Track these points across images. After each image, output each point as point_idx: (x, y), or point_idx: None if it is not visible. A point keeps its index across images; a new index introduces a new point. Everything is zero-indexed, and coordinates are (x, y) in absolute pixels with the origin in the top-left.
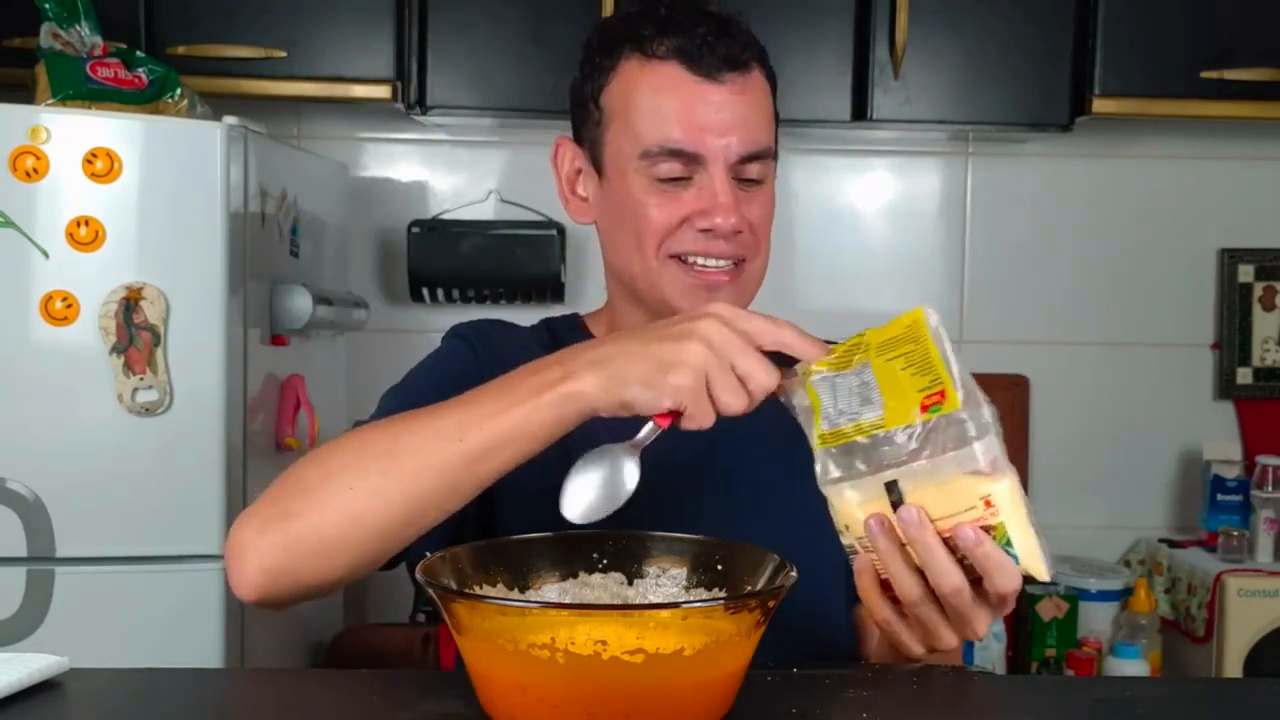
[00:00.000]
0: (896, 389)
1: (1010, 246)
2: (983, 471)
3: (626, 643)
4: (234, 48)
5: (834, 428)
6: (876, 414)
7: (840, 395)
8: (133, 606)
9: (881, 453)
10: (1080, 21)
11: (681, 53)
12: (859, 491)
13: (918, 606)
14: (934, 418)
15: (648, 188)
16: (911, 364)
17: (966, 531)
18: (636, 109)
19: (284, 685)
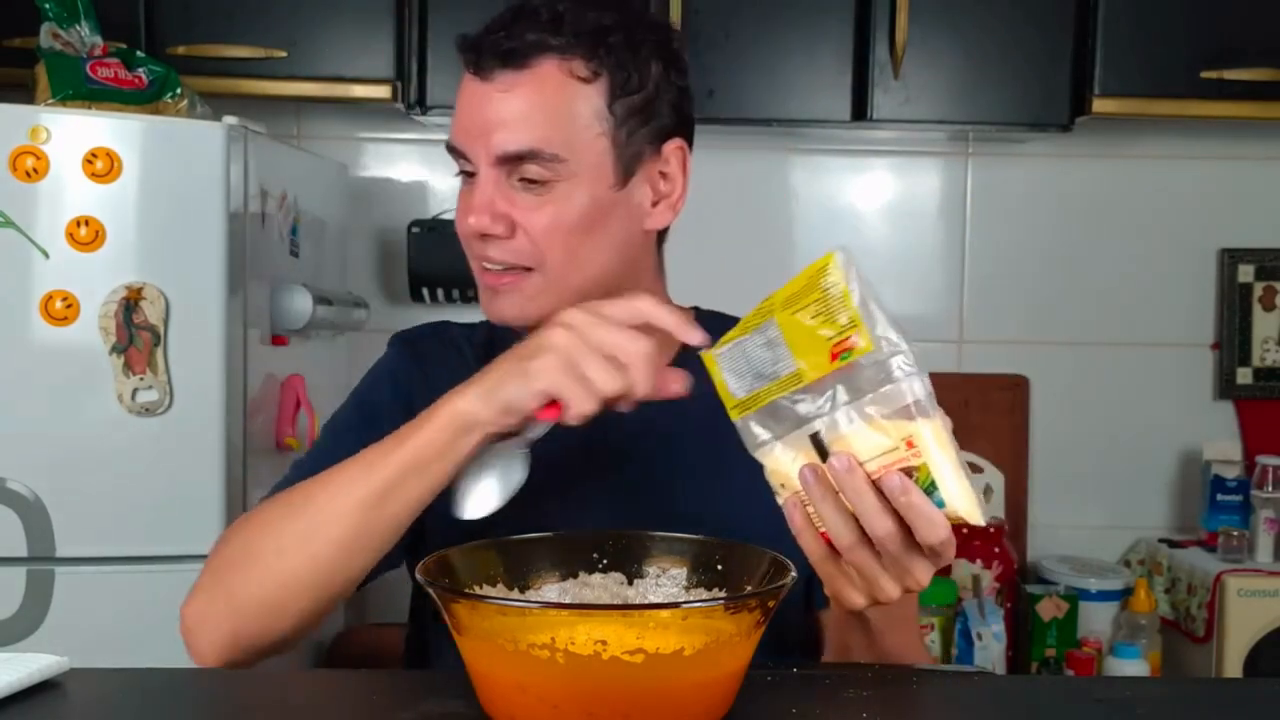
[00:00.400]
0: (806, 341)
1: (1010, 246)
2: (905, 411)
3: (626, 643)
4: (234, 48)
5: (750, 393)
6: (790, 369)
7: (752, 359)
8: (133, 606)
9: (801, 407)
10: (1080, 21)
11: (471, 51)
12: (789, 449)
13: (852, 551)
14: (846, 364)
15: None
16: (820, 313)
17: (893, 479)
18: None
19: (284, 685)
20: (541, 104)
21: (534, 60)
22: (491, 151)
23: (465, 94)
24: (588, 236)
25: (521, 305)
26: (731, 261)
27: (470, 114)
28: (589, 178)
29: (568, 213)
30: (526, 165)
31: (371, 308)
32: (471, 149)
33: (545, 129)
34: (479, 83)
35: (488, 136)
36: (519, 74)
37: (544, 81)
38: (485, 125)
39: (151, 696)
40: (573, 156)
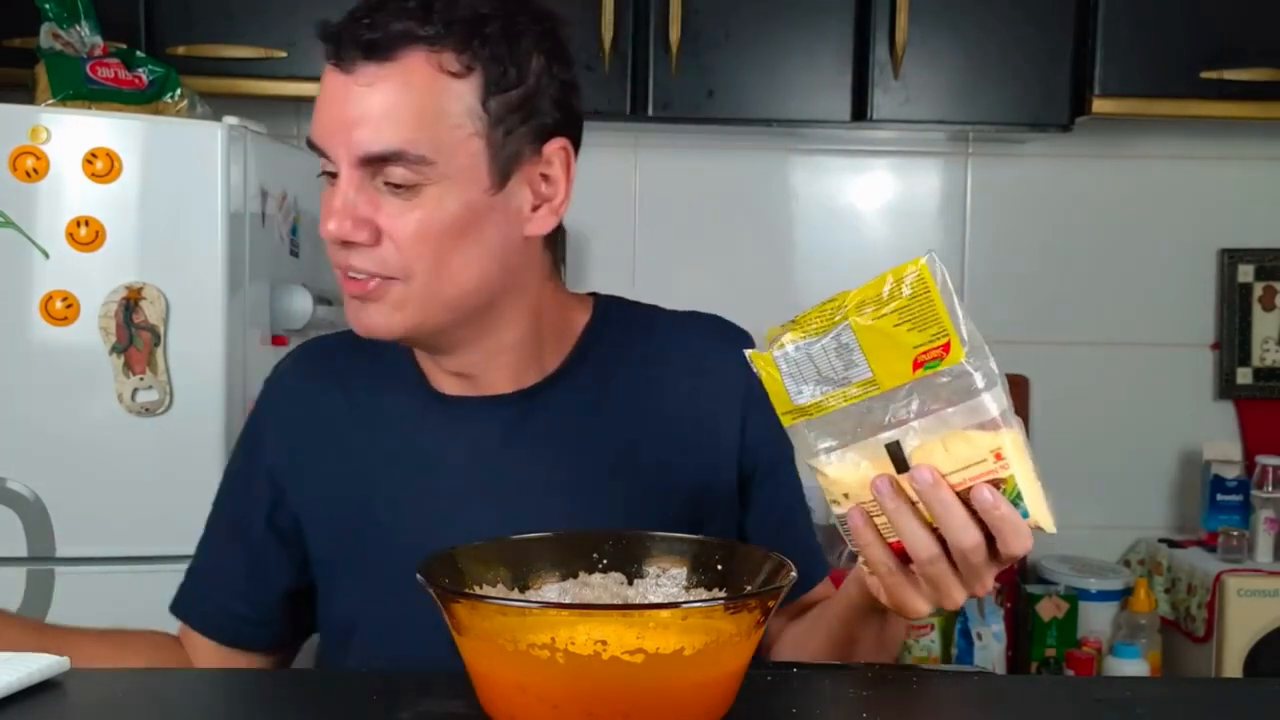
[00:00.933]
0: (886, 348)
1: (1010, 246)
2: (992, 424)
3: (626, 643)
4: (234, 48)
5: (812, 400)
6: (864, 376)
7: (819, 363)
8: (133, 606)
9: (876, 415)
10: (1080, 21)
11: (331, 40)
12: (856, 457)
13: (933, 563)
14: (933, 372)
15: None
16: (907, 319)
17: (985, 492)
18: None
19: (284, 685)
20: (407, 101)
21: (400, 52)
22: (353, 151)
23: (326, 87)
24: (459, 245)
25: (387, 316)
26: (731, 261)
27: (329, 109)
28: (461, 181)
29: (437, 219)
30: (391, 168)
31: None
32: (331, 148)
33: (411, 128)
34: (339, 75)
35: (348, 134)
36: (382, 67)
37: (410, 76)
38: (345, 122)
39: (151, 696)
40: (441, 158)
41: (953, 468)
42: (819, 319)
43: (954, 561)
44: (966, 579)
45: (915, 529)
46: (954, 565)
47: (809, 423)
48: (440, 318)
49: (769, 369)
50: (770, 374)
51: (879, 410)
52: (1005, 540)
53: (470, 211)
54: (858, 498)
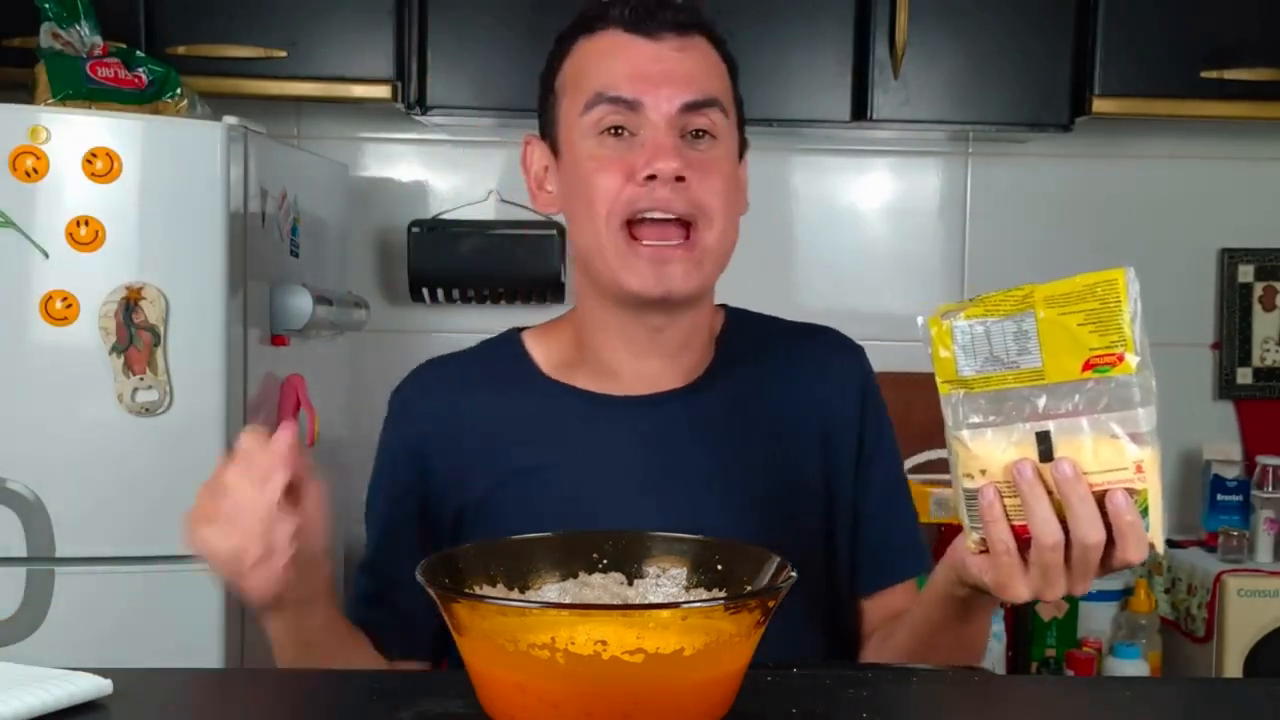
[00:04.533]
0: (1063, 344)
1: (1010, 246)
2: (1140, 438)
3: (626, 643)
4: (234, 48)
5: (978, 374)
6: (1035, 364)
7: (995, 341)
8: (133, 606)
9: (1036, 403)
10: (1080, 21)
11: (621, 19)
12: (1004, 438)
13: (1052, 551)
14: (1102, 377)
15: (594, 149)
16: (1092, 321)
17: (1120, 496)
18: (584, 75)
19: (284, 685)
20: (711, 64)
21: (695, 33)
22: (683, 96)
23: (628, 50)
24: (734, 200)
25: (686, 274)
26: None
27: (645, 65)
28: (729, 146)
29: (728, 169)
30: (701, 115)
31: (371, 308)
32: (648, 94)
33: (717, 83)
34: (647, 41)
35: (675, 84)
36: (687, 39)
37: (705, 49)
38: (668, 74)
39: (150, 696)
40: (729, 115)
41: (1095, 469)
42: (1005, 302)
43: (1068, 556)
44: (1075, 575)
45: (1048, 514)
46: (1068, 559)
47: (967, 395)
48: (710, 279)
49: (944, 337)
50: (944, 342)
51: (1038, 400)
52: (1126, 545)
53: (735, 172)
54: (993, 477)
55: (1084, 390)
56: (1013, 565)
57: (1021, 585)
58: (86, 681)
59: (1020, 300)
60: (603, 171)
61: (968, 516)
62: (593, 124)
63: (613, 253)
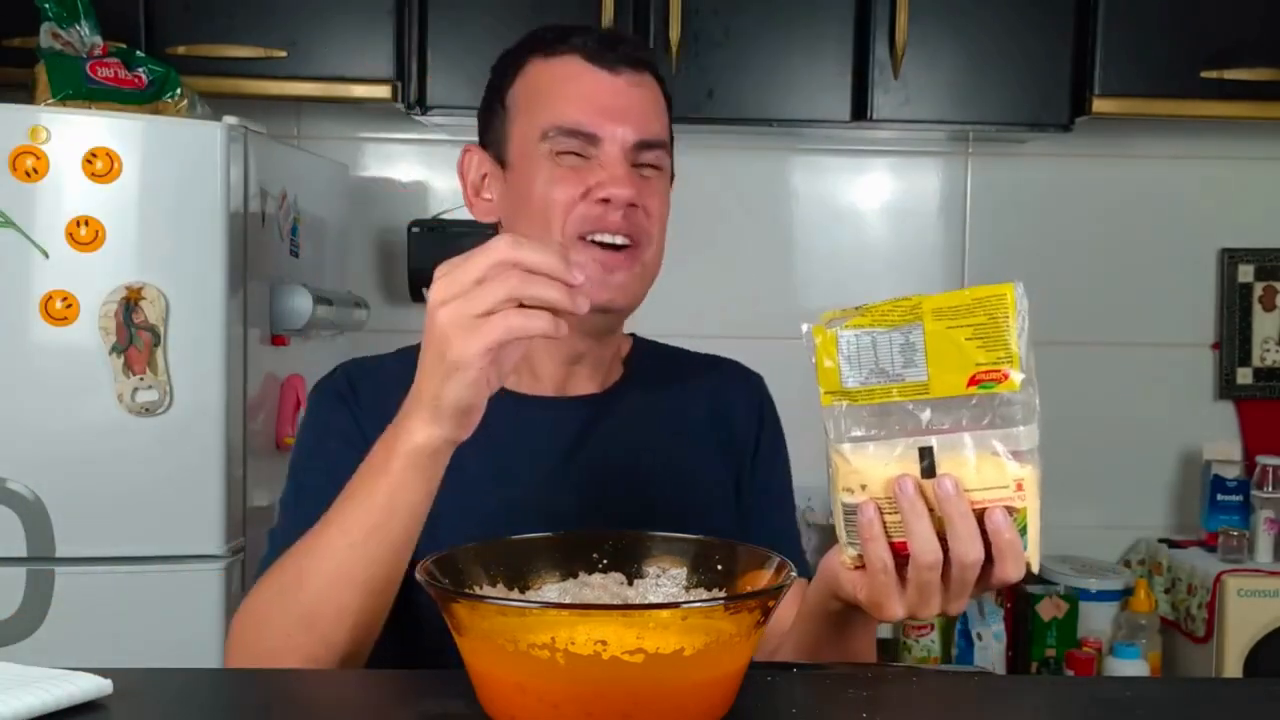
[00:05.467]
0: (949, 358)
1: (1010, 246)
2: (1021, 455)
3: (626, 643)
4: (234, 48)
5: (862, 386)
6: (920, 378)
7: (881, 352)
8: (133, 606)
9: (920, 417)
10: (1080, 21)
11: (582, 48)
12: (886, 453)
13: (930, 569)
14: (985, 394)
15: (550, 168)
16: (979, 336)
17: (999, 514)
18: (541, 97)
19: (284, 685)
20: (658, 103)
21: (647, 72)
22: (638, 135)
23: (590, 82)
24: (664, 230)
25: (628, 285)
26: (731, 261)
27: (605, 99)
28: (668, 177)
29: (665, 203)
30: (649, 153)
31: (371, 308)
32: (607, 129)
33: (663, 125)
34: (608, 75)
35: (631, 120)
36: (640, 76)
37: (654, 89)
38: (626, 111)
39: (149, 696)
40: (669, 153)
41: (976, 485)
42: (892, 313)
43: (946, 574)
44: (952, 593)
45: (928, 532)
46: (945, 578)
47: (849, 408)
48: (642, 296)
49: (828, 346)
50: (828, 351)
51: (921, 414)
52: (1004, 564)
53: (668, 201)
54: (873, 493)
55: (968, 406)
56: (889, 584)
57: (897, 604)
58: (86, 681)
59: (908, 311)
60: (559, 185)
61: (845, 532)
62: (549, 147)
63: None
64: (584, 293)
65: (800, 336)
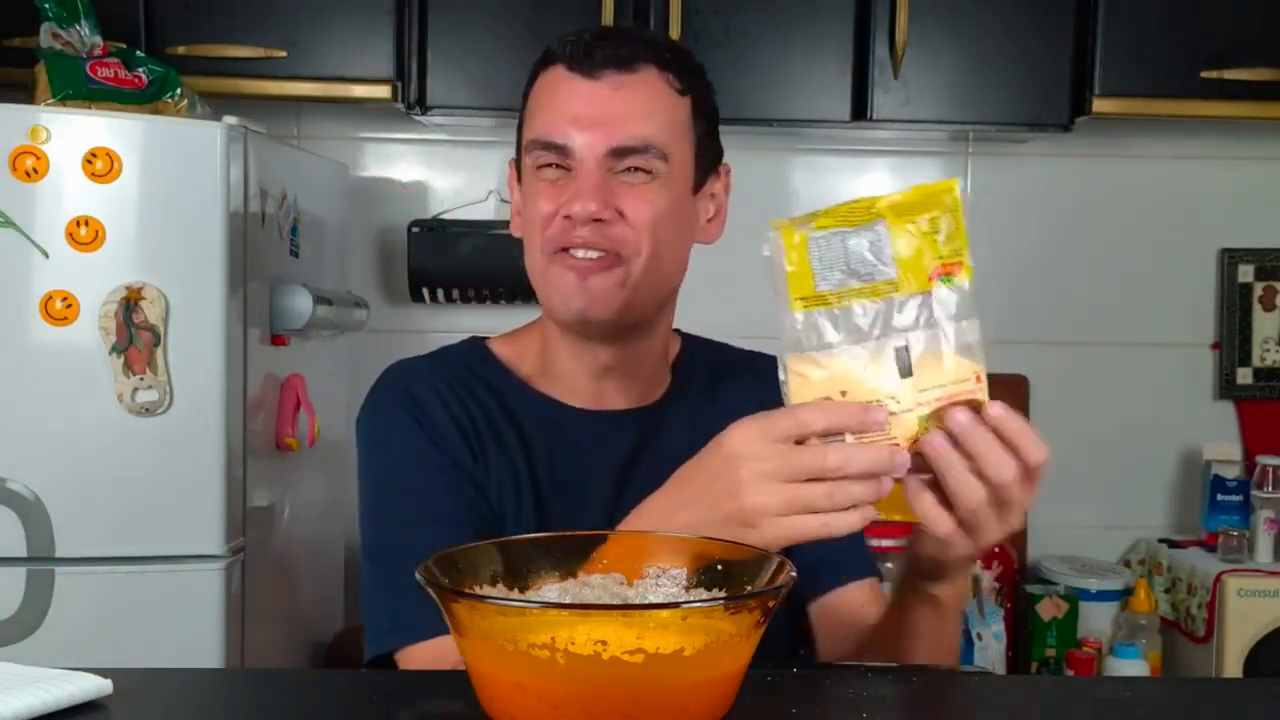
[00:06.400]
0: (911, 254)
1: (1010, 246)
2: (972, 349)
3: (626, 643)
4: (234, 48)
5: (835, 289)
6: (888, 276)
7: (851, 254)
8: (133, 606)
9: (889, 317)
10: (1080, 21)
11: (567, 56)
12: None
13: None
14: (947, 287)
15: (536, 184)
16: (932, 232)
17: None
18: (530, 111)
19: (284, 685)
20: (651, 104)
21: (641, 66)
22: (609, 143)
23: (565, 91)
24: (672, 234)
25: (609, 291)
26: (731, 261)
27: (578, 108)
28: (676, 178)
29: (662, 207)
30: (634, 158)
31: (371, 308)
32: (580, 140)
33: (655, 126)
34: (586, 81)
35: (604, 128)
36: (628, 76)
37: (650, 85)
38: (599, 118)
39: (149, 696)
40: (670, 155)
41: (944, 381)
42: (852, 214)
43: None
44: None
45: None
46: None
47: (826, 313)
48: (643, 302)
49: (799, 248)
50: (800, 254)
51: (893, 313)
52: (1028, 453)
53: (679, 206)
54: (855, 396)
55: (928, 301)
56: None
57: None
58: (86, 681)
59: (867, 211)
60: (539, 200)
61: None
62: (532, 162)
63: (548, 279)
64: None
65: None
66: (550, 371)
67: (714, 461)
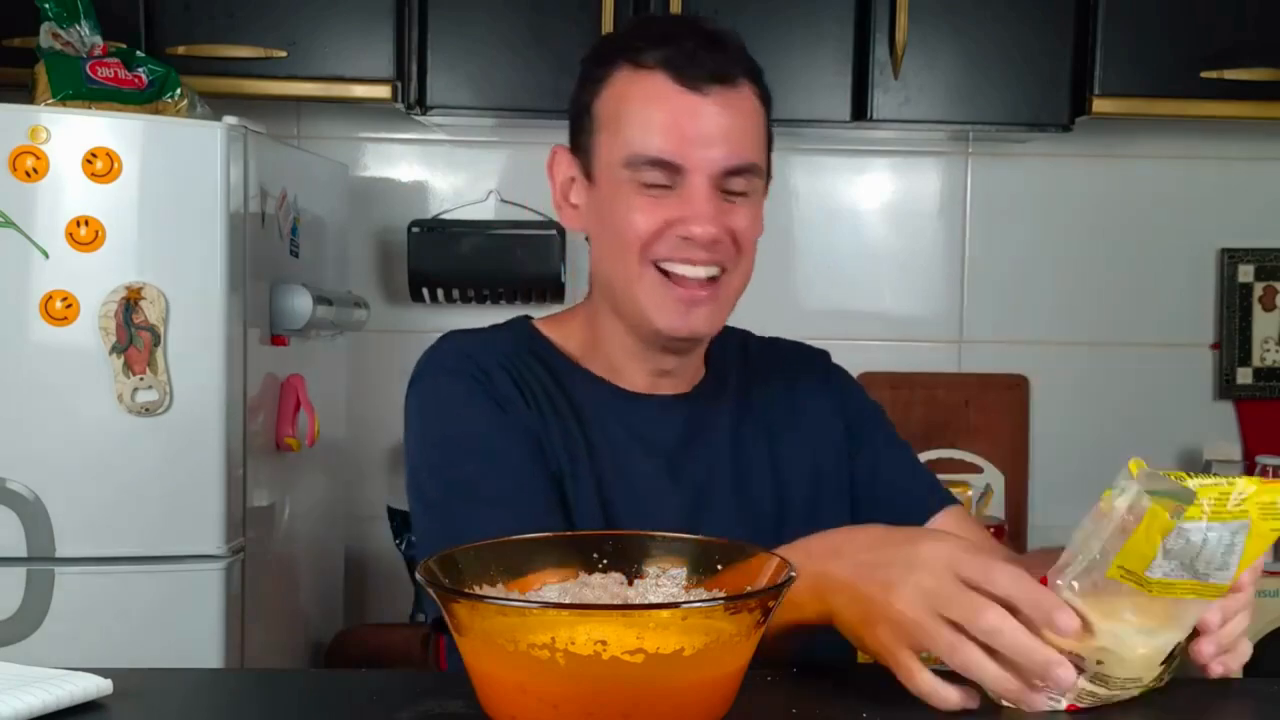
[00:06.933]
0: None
1: (1010, 246)
2: None
3: (626, 643)
4: (234, 48)
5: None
6: (1224, 580)
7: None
8: (133, 606)
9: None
10: (1080, 21)
11: (669, 63)
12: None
13: None
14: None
15: (632, 194)
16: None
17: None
18: (624, 117)
19: (284, 685)
20: (753, 122)
21: (740, 81)
22: (724, 164)
23: (674, 106)
24: (754, 245)
25: (711, 315)
26: None
27: (689, 126)
28: (761, 195)
29: (757, 221)
30: (740, 178)
31: (371, 308)
32: (692, 159)
33: (757, 146)
34: (694, 96)
35: (718, 149)
36: (732, 93)
37: (748, 101)
38: (713, 138)
39: (150, 696)
40: (764, 174)
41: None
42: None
43: None
44: None
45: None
46: None
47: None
48: (726, 316)
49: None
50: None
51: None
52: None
53: (760, 216)
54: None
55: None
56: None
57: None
58: (86, 681)
59: (1239, 504)
60: (640, 214)
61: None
62: (634, 176)
63: (644, 292)
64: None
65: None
66: (600, 359)
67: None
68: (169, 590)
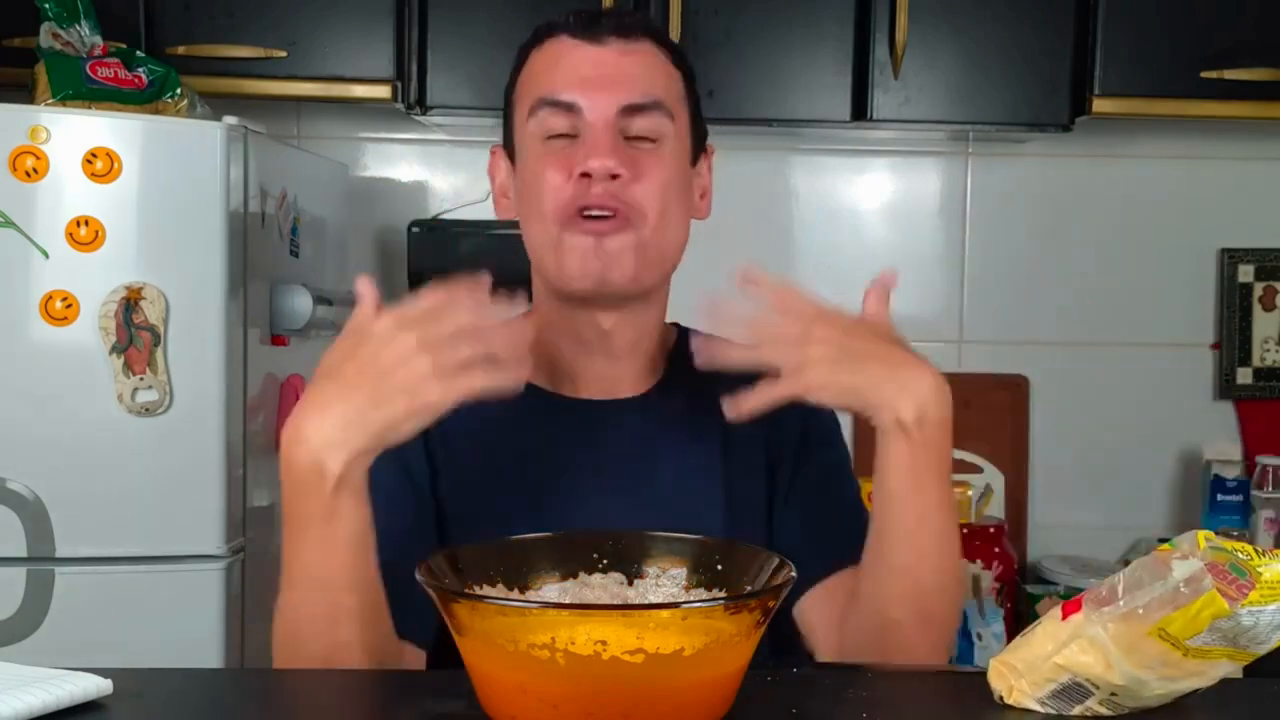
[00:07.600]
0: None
1: (1010, 246)
2: None
3: (626, 643)
4: (234, 48)
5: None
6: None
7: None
8: (133, 606)
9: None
10: (1080, 21)
11: (568, 26)
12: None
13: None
14: None
15: (540, 152)
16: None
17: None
18: (529, 82)
19: (284, 685)
20: (655, 67)
21: (640, 37)
22: (621, 99)
23: (571, 56)
24: (677, 202)
25: (624, 255)
26: (731, 261)
27: (586, 68)
28: (678, 147)
29: (670, 172)
30: (643, 118)
31: None
32: (586, 98)
33: (661, 86)
34: (591, 46)
35: (615, 88)
36: (631, 44)
37: (652, 55)
38: (609, 78)
39: (149, 696)
40: (675, 116)
41: None
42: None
43: None
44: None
45: None
46: None
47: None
48: (651, 268)
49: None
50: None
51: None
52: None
53: (682, 175)
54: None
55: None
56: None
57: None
58: (86, 681)
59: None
60: (547, 170)
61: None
62: (537, 127)
63: (555, 243)
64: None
65: None
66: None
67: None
68: (169, 590)
